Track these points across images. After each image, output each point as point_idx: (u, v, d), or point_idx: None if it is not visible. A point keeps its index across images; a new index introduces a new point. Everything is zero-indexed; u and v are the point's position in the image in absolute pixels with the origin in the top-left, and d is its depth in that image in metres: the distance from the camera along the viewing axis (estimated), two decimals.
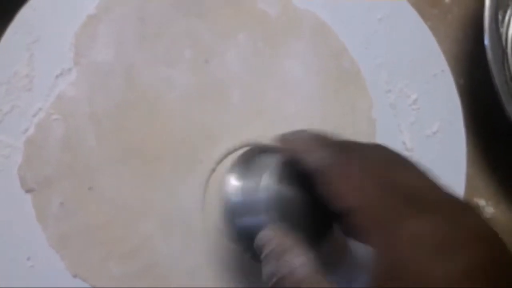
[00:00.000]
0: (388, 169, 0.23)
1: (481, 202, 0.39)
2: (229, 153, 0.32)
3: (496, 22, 0.37)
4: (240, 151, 0.30)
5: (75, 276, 0.31)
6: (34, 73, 0.32)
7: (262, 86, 0.34)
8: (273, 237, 0.24)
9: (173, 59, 0.33)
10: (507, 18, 0.40)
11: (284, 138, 0.26)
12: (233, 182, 0.27)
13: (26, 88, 0.32)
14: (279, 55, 0.34)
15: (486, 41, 0.36)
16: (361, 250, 0.22)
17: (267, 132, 0.29)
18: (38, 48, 0.32)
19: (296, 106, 0.34)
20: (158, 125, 0.32)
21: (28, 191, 0.31)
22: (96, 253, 0.31)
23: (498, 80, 0.35)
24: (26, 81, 0.31)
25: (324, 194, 0.23)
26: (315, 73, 0.34)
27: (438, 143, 0.36)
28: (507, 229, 0.38)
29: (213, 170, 0.32)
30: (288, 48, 0.34)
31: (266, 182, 0.25)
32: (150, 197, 0.32)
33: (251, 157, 0.27)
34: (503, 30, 0.40)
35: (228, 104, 0.33)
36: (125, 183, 0.31)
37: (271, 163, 0.26)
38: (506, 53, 0.40)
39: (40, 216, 0.31)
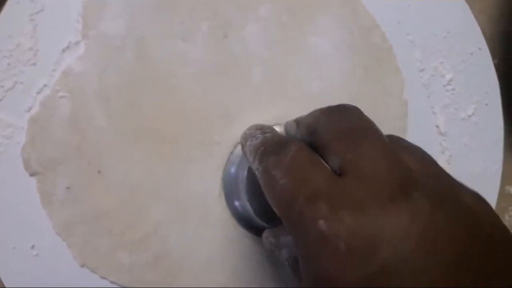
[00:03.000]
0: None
1: None
2: None
3: None
4: None
5: (82, 265, 0.29)
6: (38, 46, 0.30)
7: (285, 63, 0.32)
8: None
9: (189, 32, 0.31)
10: None
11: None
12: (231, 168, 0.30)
13: (30, 62, 0.30)
14: (304, 30, 0.32)
15: None
16: None
17: (289, 112, 0.27)
18: (43, 19, 0.30)
19: (322, 85, 0.32)
20: (172, 104, 0.30)
21: (32, 174, 0.29)
22: (105, 241, 0.29)
23: None
24: (30, 55, 0.30)
25: None
26: (343, 50, 0.32)
27: (473, 127, 0.34)
28: None
29: (231, 152, 0.31)
30: (315, 22, 0.32)
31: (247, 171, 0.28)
32: (163, 181, 0.30)
33: None
34: None
35: (247, 82, 0.31)
36: (136, 166, 0.30)
37: None
38: None
39: (45, 201, 0.29)
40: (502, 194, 0.36)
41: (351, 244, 0.18)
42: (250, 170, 0.28)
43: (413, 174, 0.20)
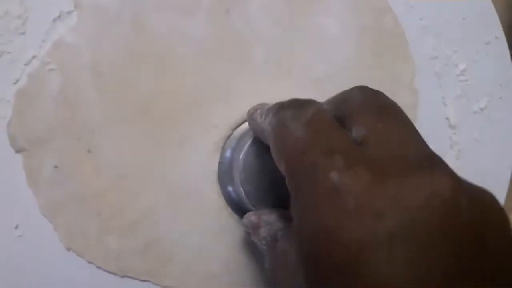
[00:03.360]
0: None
1: None
2: None
3: None
4: None
5: (69, 249, 0.28)
6: (28, 14, 0.28)
7: (290, 43, 0.30)
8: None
9: (189, 7, 0.29)
10: None
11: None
12: (227, 152, 0.30)
13: (19, 31, 0.28)
14: (312, 9, 0.31)
15: None
16: None
17: (293, 96, 0.26)
18: None
19: (328, 68, 0.31)
20: (168, 82, 0.29)
21: (18, 151, 0.28)
22: (93, 224, 0.28)
23: None
24: (19, 23, 0.28)
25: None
26: (352, 32, 0.31)
27: (485, 121, 0.33)
28: None
29: (229, 136, 0.30)
30: (323, 1, 0.31)
31: (243, 153, 0.27)
32: (156, 164, 0.29)
33: None
34: None
35: (249, 62, 0.30)
36: (128, 147, 0.29)
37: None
38: None
39: (31, 180, 0.28)
40: None
41: (362, 201, 0.17)
42: (248, 151, 0.27)
43: (436, 155, 0.19)
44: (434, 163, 0.18)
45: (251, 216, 0.26)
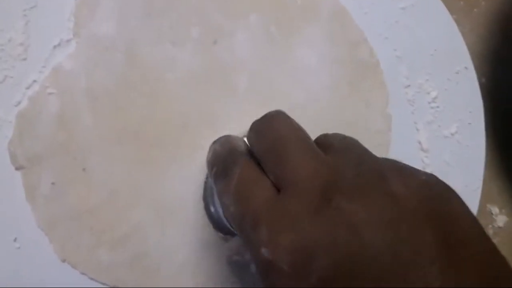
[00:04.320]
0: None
1: (494, 209, 0.37)
2: None
3: None
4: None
5: (63, 261, 0.29)
6: (30, 41, 0.30)
7: (271, 72, 0.32)
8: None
9: (179, 37, 0.31)
10: None
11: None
12: None
13: (21, 57, 0.30)
14: (292, 40, 0.32)
15: None
16: None
17: None
18: (36, 15, 0.30)
19: (307, 96, 0.32)
20: (158, 107, 0.31)
21: (18, 168, 0.29)
22: (86, 238, 0.29)
23: None
24: (21, 50, 0.30)
25: None
26: (329, 63, 0.33)
27: (455, 145, 0.34)
28: None
29: None
30: (303, 33, 0.32)
31: None
32: (145, 183, 0.30)
33: None
34: None
35: (234, 90, 0.31)
36: (119, 167, 0.30)
37: None
38: None
39: (29, 196, 0.29)
40: (483, 212, 0.36)
41: (292, 263, 0.19)
42: None
43: (334, 175, 0.20)
44: (328, 194, 0.20)
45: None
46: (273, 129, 0.23)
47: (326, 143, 0.23)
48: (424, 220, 0.19)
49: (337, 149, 0.22)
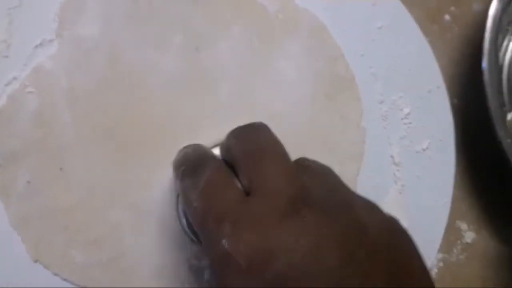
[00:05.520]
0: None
1: (463, 225, 0.38)
2: (210, 147, 0.31)
3: (495, 46, 0.36)
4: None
5: (36, 261, 0.29)
6: (12, 40, 0.30)
7: (251, 83, 0.33)
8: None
9: (162, 43, 0.31)
10: (505, 43, 0.40)
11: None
12: None
13: (2, 54, 0.30)
14: (272, 53, 0.33)
15: (484, 64, 0.35)
16: None
17: None
18: (20, 14, 0.30)
19: (285, 107, 0.33)
20: (138, 110, 0.31)
21: None
22: (60, 238, 0.29)
23: (492, 104, 0.35)
24: (3, 47, 0.30)
25: None
26: (307, 76, 0.33)
27: (427, 161, 0.35)
28: (487, 256, 0.38)
29: None
30: (283, 47, 0.33)
31: None
32: (122, 184, 0.30)
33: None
34: (500, 54, 0.39)
35: (214, 97, 0.32)
36: (96, 168, 0.30)
37: None
38: (502, 78, 0.39)
39: (3, 194, 0.29)
40: (452, 227, 0.37)
41: (250, 258, 0.20)
42: None
43: (306, 191, 0.22)
44: (297, 205, 0.21)
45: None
46: (255, 137, 0.24)
47: (304, 164, 0.24)
48: (381, 249, 0.21)
49: (314, 171, 0.23)
